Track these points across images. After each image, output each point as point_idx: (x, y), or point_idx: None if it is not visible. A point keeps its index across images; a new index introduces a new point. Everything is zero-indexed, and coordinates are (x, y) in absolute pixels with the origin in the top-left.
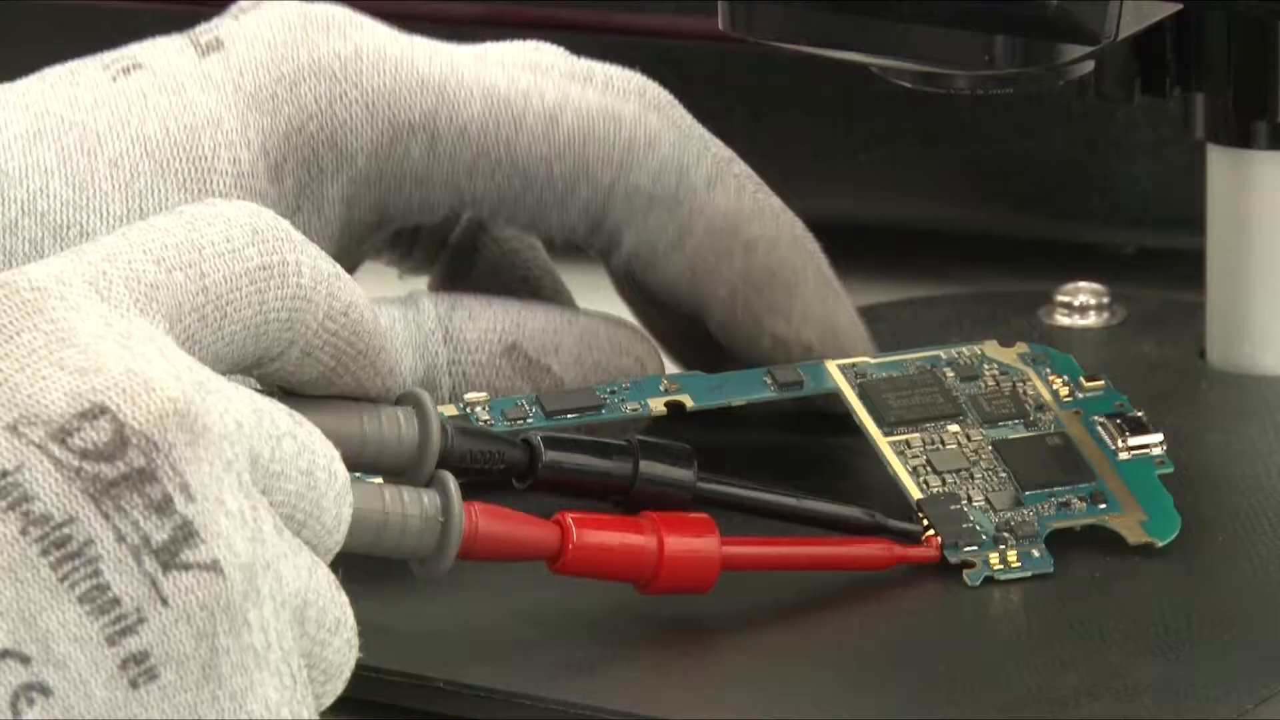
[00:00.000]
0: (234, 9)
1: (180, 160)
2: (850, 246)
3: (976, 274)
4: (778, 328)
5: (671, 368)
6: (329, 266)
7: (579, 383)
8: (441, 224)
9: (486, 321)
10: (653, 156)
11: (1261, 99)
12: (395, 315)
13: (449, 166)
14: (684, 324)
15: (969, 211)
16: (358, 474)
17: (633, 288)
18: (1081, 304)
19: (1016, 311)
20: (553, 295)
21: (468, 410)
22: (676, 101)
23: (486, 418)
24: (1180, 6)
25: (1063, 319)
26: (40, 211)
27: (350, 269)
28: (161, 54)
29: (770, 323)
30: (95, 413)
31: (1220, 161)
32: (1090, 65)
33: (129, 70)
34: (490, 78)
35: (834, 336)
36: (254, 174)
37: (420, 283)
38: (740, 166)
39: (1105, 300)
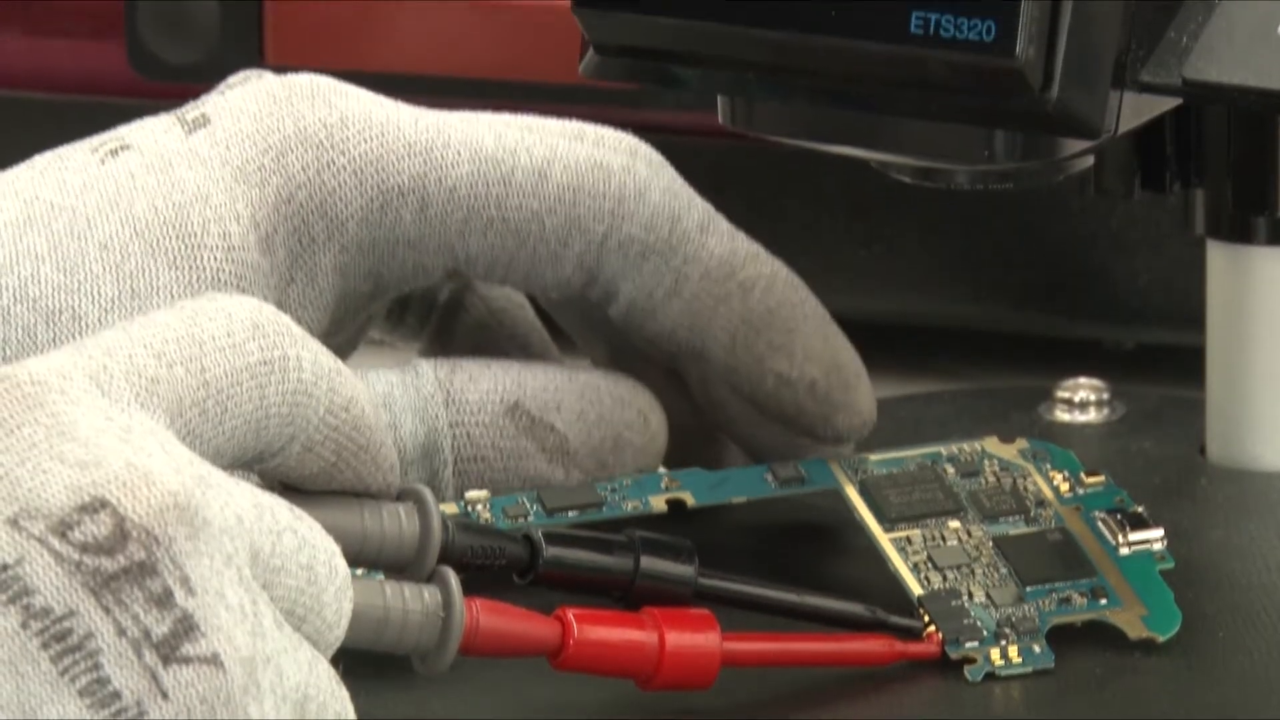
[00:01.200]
0: (221, 86)
1: (170, 239)
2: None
3: (977, 370)
4: (780, 367)
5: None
6: (330, 361)
7: (583, 438)
8: (431, 288)
9: (487, 382)
10: (644, 206)
11: (1261, 193)
12: (394, 381)
13: (441, 228)
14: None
15: (969, 307)
16: (359, 569)
17: (626, 343)
18: (1082, 400)
19: (1017, 407)
20: (542, 352)
21: (469, 508)
22: (665, 160)
23: (487, 515)
24: (1180, 101)
25: (1063, 415)
26: (32, 298)
27: (348, 343)
28: (149, 134)
29: (773, 362)
30: (96, 506)
31: (1220, 257)
32: (1090, 160)
33: (117, 152)
34: (477, 137)
35: (837, 371)
36: (245, 246)
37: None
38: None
39: (1105, 396)
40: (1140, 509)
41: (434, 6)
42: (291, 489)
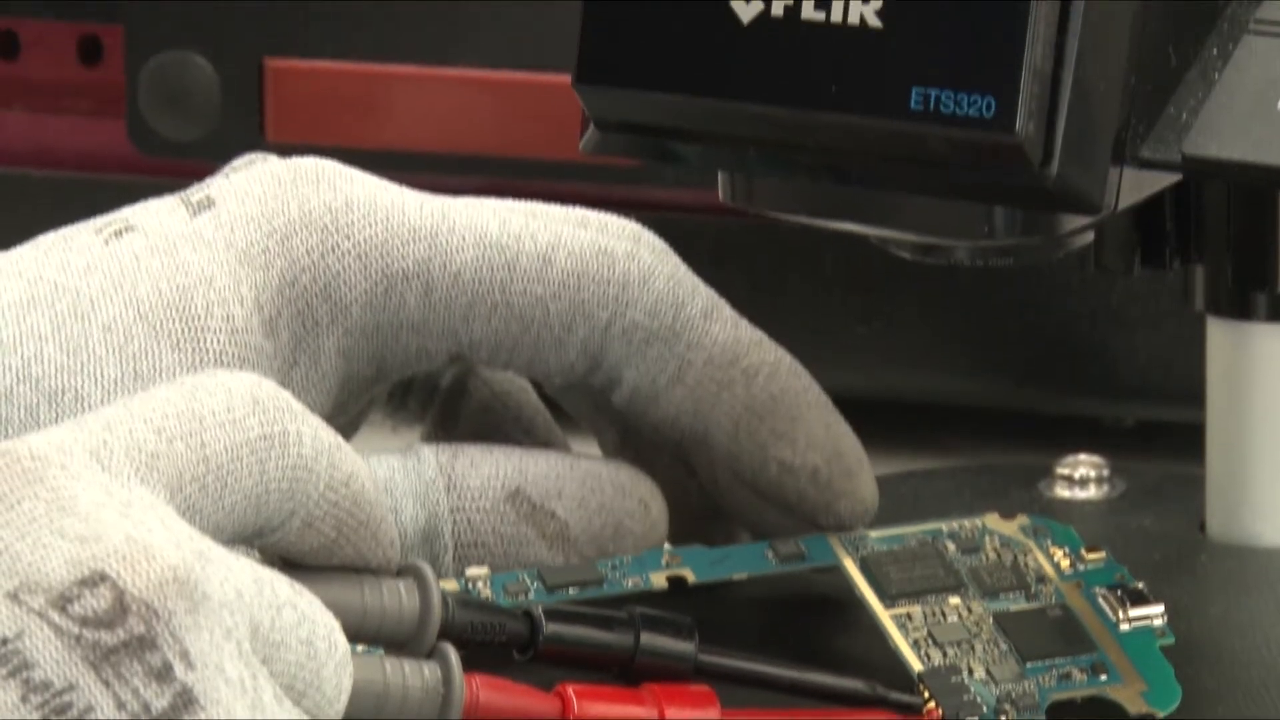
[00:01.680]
0: (226, 168)
1: (173, 321)
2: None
3: (977, 446)
4: (783, 454)
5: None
6: (330, 437)
7: (584, 525)
8: (434, 371)
9: (489, 468)
10: (647, 292)
11: (1261, 269)
12: (395, 465)
13: (445, 313)
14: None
15: (969, 383)
16: (359, 645)
17: (633, 427)
18: (1082, 476)
19: (1017, 484)
20: (546, 437)
21: (469, 584)
22: (668, 246)
23: (488, 592)
24: (1179, 177)
25: (1063, 491)
26: (35, 378)
27: (350, 425)
28: (153, 215)
29: (776, 449)
30: (95, 580)
31: (1220, 333)
32: (1090, 236)
33: (121, 233)
34: (482, 222)
35: (839, 459)
36: (248, 329)
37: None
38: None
39: (1105, 473)
40: (1140, 585)
41: (434, 83)
42: (291, 564)
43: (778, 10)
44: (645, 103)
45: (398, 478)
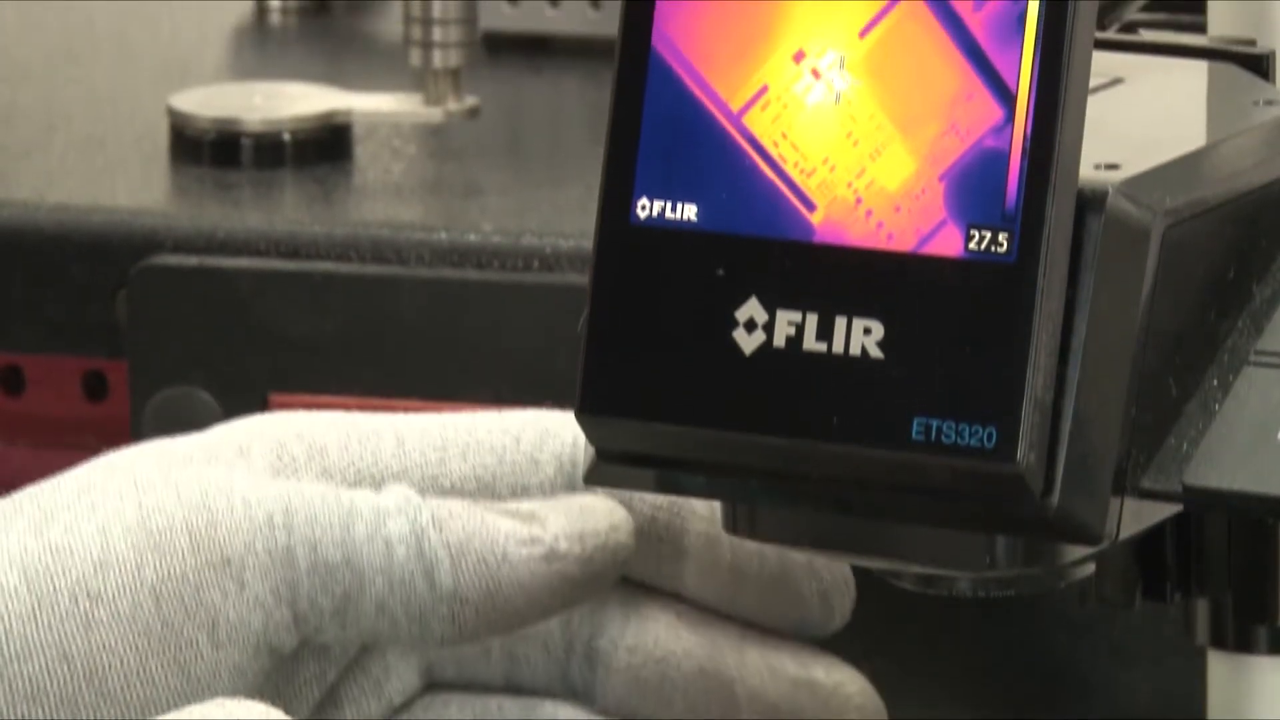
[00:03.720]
0: None
1: (146, 448)
2: None
3: None
4: None
5: None
6: None
7: None
8: None
9: None
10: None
11: (1262, 602)
12: None
13: (420, 459)
14: None
15: (970, 717)
16: None
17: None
18: None
19: None
20: None
21: None
22: None
23: None
24: (1180, 508)
25: None
26: None
27: None
28: None
29: None
30: None
31: (1221, 667)
32: (1091, 568)
33: None
34: None
35: None
36: (219, 450)
37: None
38: None
39: None
40: None
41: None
42: None
43: (779, 341)
44: (648, 433)
45: None
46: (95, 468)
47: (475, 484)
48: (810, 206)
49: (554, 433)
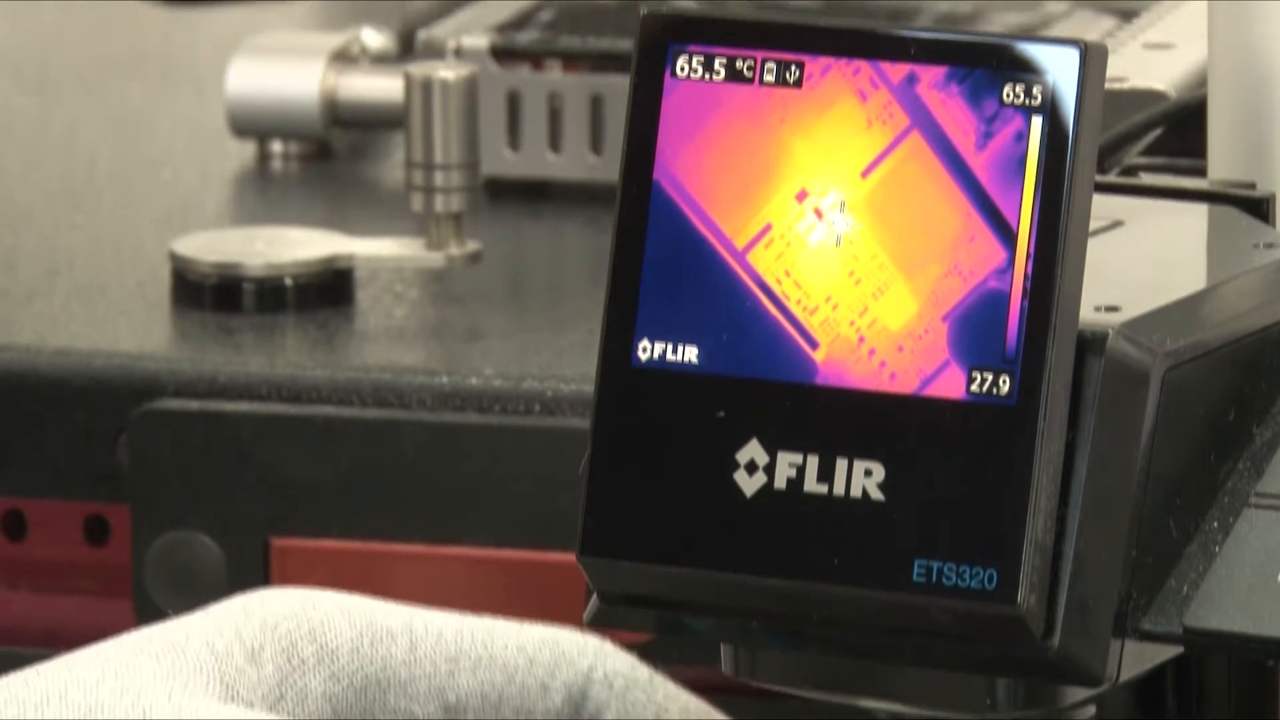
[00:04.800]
0: None
1: (154, 640)
2: None
3: None
4: None
5: None
6: None
7: None
8: None
9: None
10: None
11: None
12: None
13: (430, 668)
14: None
15: None
16: None
17: None
18: None
19: None
20: None
21: None
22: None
23: None
24: (1180, 650)
25: None
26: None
27: None
28: None
29: None
30: None
31: None
32: (1092, 710)
33: None
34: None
35: None
36: (229, 654)
37: None
38: None
39: None
40: None
41: (439, 561)
42: None
43: (780, 484)
44: (648, 575)
45: None
46: (104, 680)
47: (480, 701)
48: (813, 344)
49: (570, 659)
